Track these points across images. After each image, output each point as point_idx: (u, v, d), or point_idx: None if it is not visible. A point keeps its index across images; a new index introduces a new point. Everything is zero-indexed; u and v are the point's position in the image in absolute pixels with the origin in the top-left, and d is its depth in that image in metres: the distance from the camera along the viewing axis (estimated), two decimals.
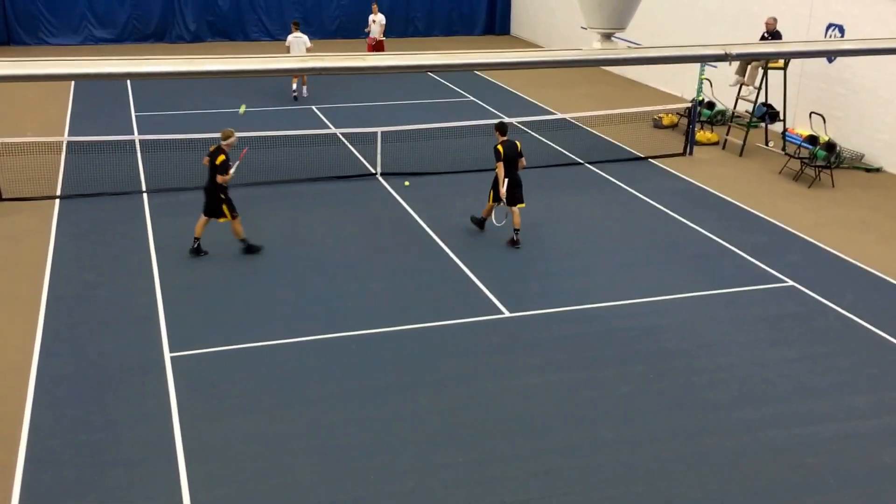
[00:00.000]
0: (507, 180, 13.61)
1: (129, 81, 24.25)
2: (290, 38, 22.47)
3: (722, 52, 4.10)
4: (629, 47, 4.24)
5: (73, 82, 24.27)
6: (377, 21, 22.76)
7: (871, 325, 11.58)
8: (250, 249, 13.31)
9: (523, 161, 13.90)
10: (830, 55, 17.14)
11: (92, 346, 10.75)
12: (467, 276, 12.80)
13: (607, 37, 4.27)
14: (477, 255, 13.46)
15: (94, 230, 14.28)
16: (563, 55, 4.06)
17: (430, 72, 3.65)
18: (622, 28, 4.32)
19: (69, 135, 19.55)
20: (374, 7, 23.63)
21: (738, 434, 9.23)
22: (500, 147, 13.64)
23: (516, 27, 33.79)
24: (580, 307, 11.92)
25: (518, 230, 13.73)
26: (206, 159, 13.19)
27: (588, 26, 4.33)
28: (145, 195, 15.84)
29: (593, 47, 4.22)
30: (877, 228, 15.05)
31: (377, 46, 22.77)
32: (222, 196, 13.08)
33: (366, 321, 11.22)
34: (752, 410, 9.65)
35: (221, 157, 12.85)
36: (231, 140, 13.13)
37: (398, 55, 3.51)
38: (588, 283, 12.61)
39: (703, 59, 4.29)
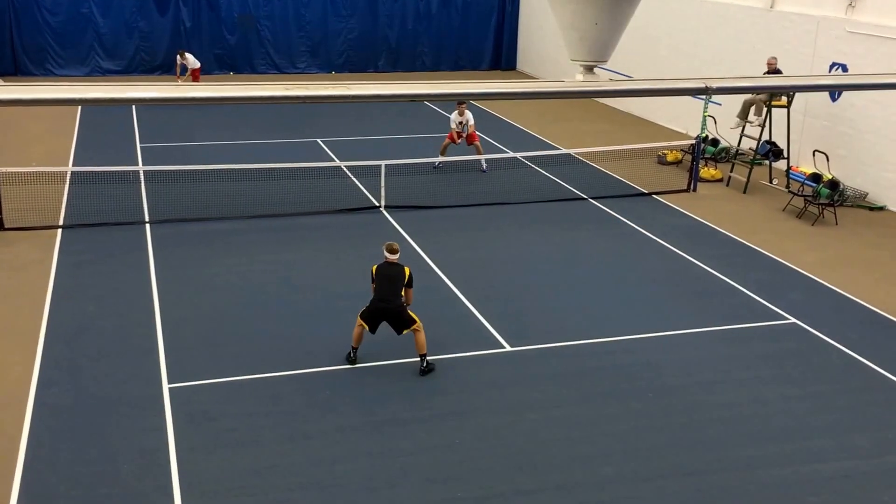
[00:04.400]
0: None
1: (135, 113, 24.41)
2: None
3: (702, 85, 4.12)
4: (611, 80, 4.27)
5: (79, 113, 24.43)
6: (467, 120, 20.38)
7: (872, 363, 11.51)
8: None
9: (410, 293, 11.06)
10: (812, 90, 17.18)
11: (90, 377, 10.72)
12: (469, 309, 12.78)
13: (590, 69, 4.32)
14: (479, 289, 13.44)
15: (95, 260, 14.30)
16: (545, 87, 4.10)
17: (416, 100, 3.66)
18: (604, 60, 4.37)
19: (73, 165, 19.64)
20: (462, 107, 20.28)
21: (739, 472, 9.15)
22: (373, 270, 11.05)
23: (522, 62, 34.01)
24: (581, 342, 11.88)
25: (424, 355, 10.99)
26: None
27: (571, 59, 4.38)
28: (148, 226, 15.88)
29: (576, 79, 4.26)
30: (880, 267, 15.01)
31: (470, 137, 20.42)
32: None
33: (367, 354, 11.18)
34: (754, 448, 9.58)
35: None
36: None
37: (383, 84, 3.54)
38: (590, 318, 12.58)
39: (684, 93, 4.32)
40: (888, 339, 12.30)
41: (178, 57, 26.98)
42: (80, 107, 22.76)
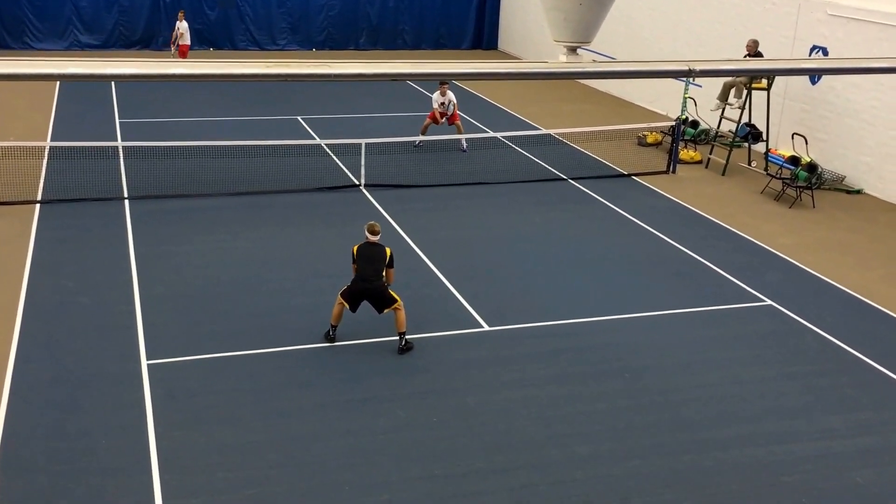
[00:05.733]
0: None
1: (114, 89, 24.19)
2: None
3: (686, 67, 4.14)
4: (594, 61, 4.28)
5: (57, 88, 24.19)
6: (449, 100, 20.36)
7: (847, 345, 11.65)
8: None
9: (392, 273, 11.02)
10: (794, 73, 17.26)
11: (68, 352, 10.68)
12: (448, 289, 12.81)
13: (573, 50, 4.33)
14: (458, 269, 13.47)
15: (74, 236, 14.22)
16: (529, 67, 4.10)
17: (397, 80, 3.67)
18: (587, 42, 4.37)
19: (52, 140, 19.47)
20: (444, 87, 20.14)
21: (714, 452, 9.25)
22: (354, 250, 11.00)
23: (504, 42, 33.91)
24: (560, 322, 11.94)
25: (403, 333, 11.05)
26: None
27: (555, 40, 4.39)
28: (127, 202, 15.78)
29: (559, 60, 4.27)
30: (855, 250, 15.16)
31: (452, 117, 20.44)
32: None
33: (345, 332, 11.19)
34: (729, 429, 9.68)
35: None
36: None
37: (365, 63, 3.53)
38: (568, 299, 12.64)
39: (668, 75, 4.34)
40: (863, 322, 12.44)
41: (178, 21, 26.65)
42: (58, 82, 22.47)
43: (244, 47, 31.82)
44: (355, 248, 10.98)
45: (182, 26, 26.55)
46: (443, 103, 19.57)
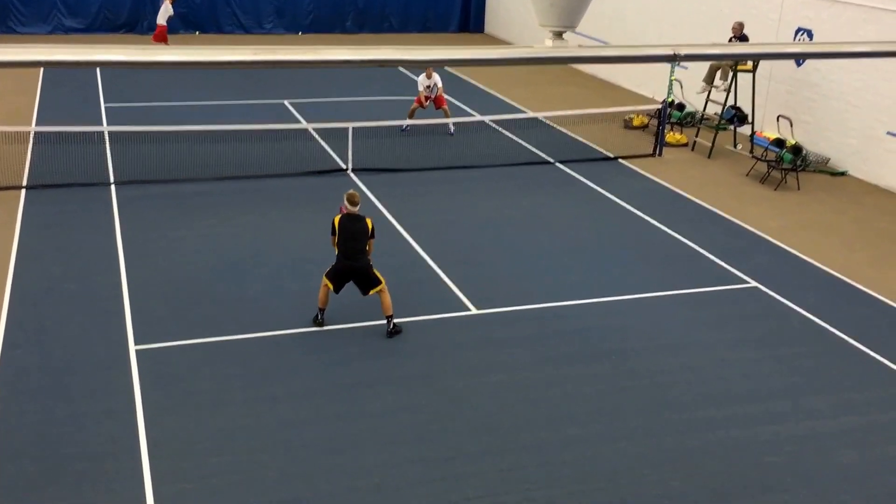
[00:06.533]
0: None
1: (98, 73, 24.05)
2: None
3: (671, 52, 4.16)
4: (580, 46, 4.30)
5: (42, 72, 24.02)
6: (434, 83, 20.35)
7: (832, 327, 11.75)
8: None
9: (372, 243, 11.01)
10: (780, 58, 17.32)
11: (56, 338, 10.68)
12: (436, 272, 12.84)
13: (559, 35, 4.34)
14: (446, 252, 13.50)
15: (60, 222, 14.17)
16: (515, 53, 4.12)
17: (384, 66, 3.67)
18: (573, 27, 4.38)
19: (37, 125, 19.36)
20: (430, 69, 19.98)
21: (700, 433, 9.34)
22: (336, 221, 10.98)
23: (490, 25, 33.85)
24: (547, 305, 12.00)
25: (391, 316, 11.06)
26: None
27: (540, 24, 4.40)
28: (113, 187, 15.74)
29: (545, 45, 4.28)
30: (840, 232, 15.26)
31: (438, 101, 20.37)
32: None
33: (334, 316, 11.22)
34: (715, 410, 9.78)
35: None
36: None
37: (352, 49, 3.54)
38: (555, 282, 12.69)
39: (653, 60, 4.36)
40: (847, 303, 12.55)
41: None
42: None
43: (230, 31, 31.63)
44: (336, 218, 10.95)
45: (166, 8, 26.03)
46: (428, 86, 19.56)
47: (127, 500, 8.01)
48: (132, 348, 10.51)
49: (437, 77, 19.63)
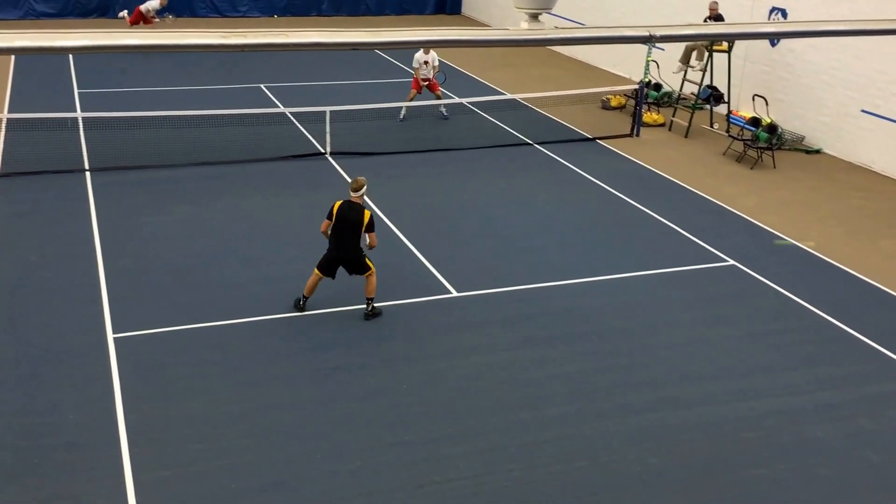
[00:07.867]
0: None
1: (71, 58, 23.79)
2: None
3: (647, 33, 4.17)
4: (556, 27, 4.29)
5: (13, 58, 23.74)
6: (433, 57, 20.24)
7: (808, 303, 11.86)
8: None
9: (374, 237, 10.89)
10: (754, 37, 17.37)
11: (33, 328, 10.61)
12: (415, 255, 12.84)
13: (535, 17, 4.33)
14: (425, 235, 13.50)
15: (35, 210, 14.05)
16: (491, 35, 4.10)
17: (357, 49, 3.65)
18: (549, 8, 4.38)
19: (9, 111, 19.15)
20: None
21: (679, 410, 9.42)
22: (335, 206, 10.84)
23: (468, 7, 33.73)
24: (527, 287, 12.03)
25: (371, 299, 11.05)
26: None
27: (516, 6, 4.40)
28: (88, 174, 15.61)
29: (521, 27, 4.27)
30: (815, 210, 15.37)
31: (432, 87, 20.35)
32: None
33: (315, 301, 11.20)
34: (693, 387, 9.86)
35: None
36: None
37: (323, 31, 3.51)
38: (535, 263, 12.73)
39: (629, 41, 4.36)
40: (822, 280, 12.66)
41: None
42: None
43: (204, 14, 31.33)
44: (336, 204, 10.87)
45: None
46: (426, 62, 19.33)
47: (107, 489, 7.99)
48: (110, 336, 10.45)
49: (434, 53, 19.47)
